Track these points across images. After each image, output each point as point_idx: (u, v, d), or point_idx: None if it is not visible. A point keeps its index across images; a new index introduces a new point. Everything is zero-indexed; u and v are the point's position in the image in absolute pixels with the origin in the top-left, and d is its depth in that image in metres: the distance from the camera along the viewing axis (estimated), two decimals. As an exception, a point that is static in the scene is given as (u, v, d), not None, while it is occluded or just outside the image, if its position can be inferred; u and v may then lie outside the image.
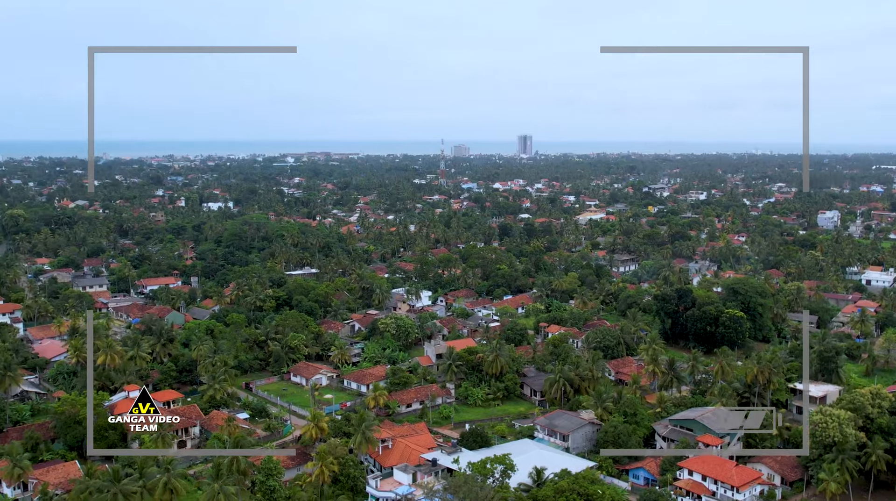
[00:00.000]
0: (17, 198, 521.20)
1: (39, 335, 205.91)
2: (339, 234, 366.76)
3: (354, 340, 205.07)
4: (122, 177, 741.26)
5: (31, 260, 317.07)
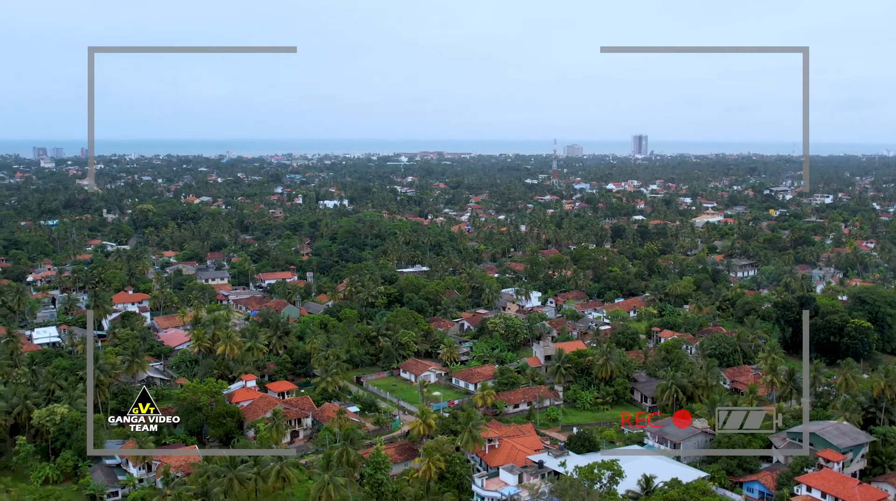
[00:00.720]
0: (146, 194, 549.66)
1: (165, 324, 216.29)
2: (451, 233, 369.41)
3: (463, 338, 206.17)
4: (243, 175, 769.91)
5: (159, 253, 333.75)
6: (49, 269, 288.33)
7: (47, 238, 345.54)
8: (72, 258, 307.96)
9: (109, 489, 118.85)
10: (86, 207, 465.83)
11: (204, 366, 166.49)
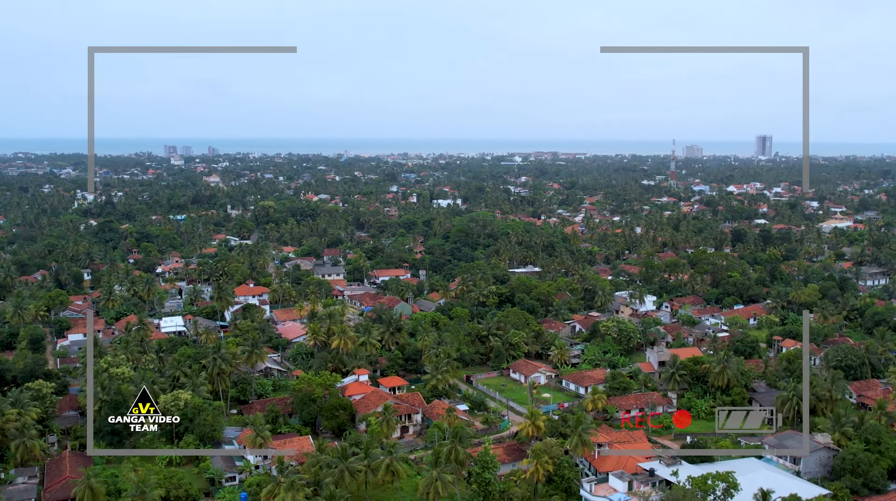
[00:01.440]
0: (268, 191, 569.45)
1: (283, 317, 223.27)
2: (564, 234, 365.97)
3: (574, 341, 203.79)
4: (360, 173, 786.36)
5: (279, 248, 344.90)
6: (177, 261, 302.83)
7: (175, 232, 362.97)
8: (198, 252, 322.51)
9: (227, 474, 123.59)
10: (212, 203, 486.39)
11: (319, 359, 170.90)
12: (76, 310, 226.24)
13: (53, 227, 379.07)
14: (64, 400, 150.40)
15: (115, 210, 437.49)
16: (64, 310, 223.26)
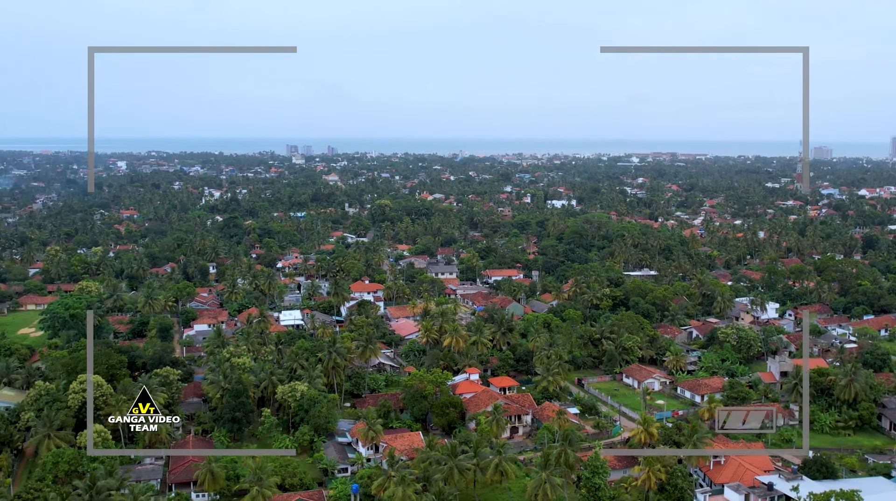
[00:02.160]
0: (384, 190, 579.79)
1: (396, 313, 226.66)
2: (682, 237, 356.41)
3: (691, 347, 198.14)
4: (475, 173, 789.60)
5: (394, 246, 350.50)
6: (296, 257, 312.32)
7: (296, 229, 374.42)
8: (316, 248, 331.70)
9: (340, 465, 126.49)
10: (330, 201, 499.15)
11: (431, 356, 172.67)
12: (202, 301, 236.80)
13: (182, 222, 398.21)
14: (189, 387, 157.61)
15: (240, 207, 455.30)
16: (190, 301, 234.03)
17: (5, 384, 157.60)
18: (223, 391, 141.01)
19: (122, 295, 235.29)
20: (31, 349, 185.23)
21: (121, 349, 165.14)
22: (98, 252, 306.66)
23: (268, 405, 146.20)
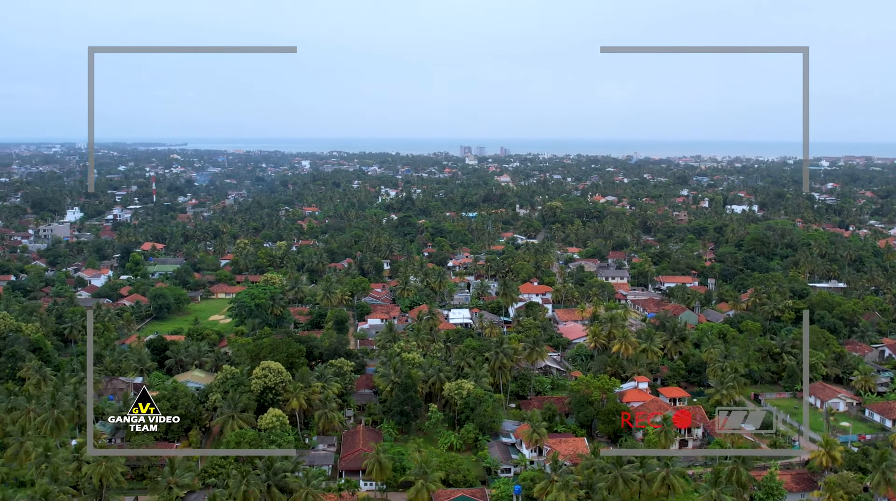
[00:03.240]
0: (556, 191, 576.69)
1: (564, 317, 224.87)
2: (875, 247, 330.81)
3: (883, 367, 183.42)
4: (650, 176, 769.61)
5: (564, 248, 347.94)
6: (466, 256, 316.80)
7: (467, 229, 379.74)
8: (486, 248, 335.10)
9: (503, 465, 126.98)
10: (501, 201, 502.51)
11: (598, 362, 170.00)
12: (376, 297, 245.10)
13: (360, 219, 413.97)
14: (361, 379, 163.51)
15: (414, 206, 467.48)
16: (365, 296, 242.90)
17: (196, 366, 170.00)
18: (393, 384, 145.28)
19: (303, 288, 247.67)
20: (220, 334, 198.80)
21: (299, 339, 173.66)
22: (282, 246, 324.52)
23: (435, 400, 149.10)
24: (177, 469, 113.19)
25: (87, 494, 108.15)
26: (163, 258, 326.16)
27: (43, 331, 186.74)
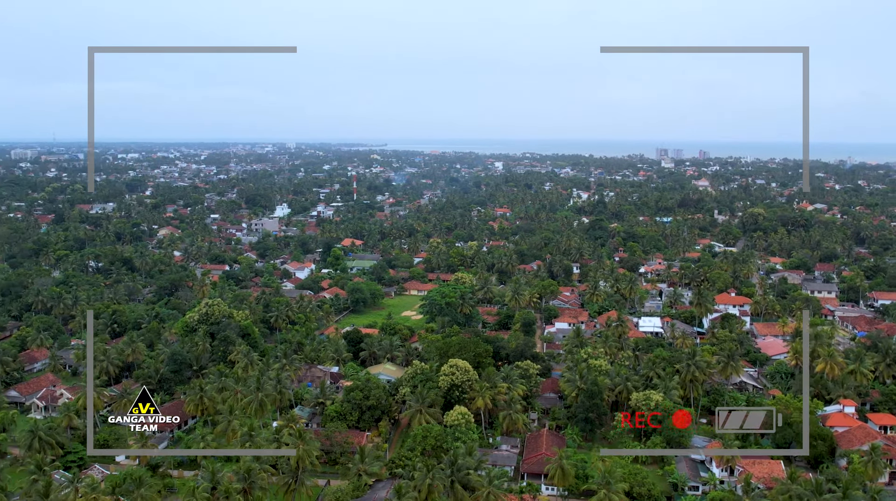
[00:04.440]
0: (758, 197, 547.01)
1: (764, 331, 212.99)
2: None
3: None
4: (865, 182, 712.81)
5: (765, 258, 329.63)
6: (659, 263, 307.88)
7: (661, 234, 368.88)
8: (681, 255, 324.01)
9: (690, 482, 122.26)
10: (699, 207, 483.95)
11: (800, 381, 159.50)
12: (564, 300, 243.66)
13: (550, 222, 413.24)
14: (546, 382, 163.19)
15: (606, 209, 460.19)
16: (553, 299, 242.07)
17: (388, 360, 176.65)
18: (578, 390, 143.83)
19: (492, 288, 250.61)
20: (411, 330, 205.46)
21: (487, 339, 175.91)
22: (473, 246, 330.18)
23: (621, 409, 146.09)
24: (366, 457, 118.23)
25: (285, 474, 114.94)
26: (361, 254, 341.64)
27: (251, 318, 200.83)
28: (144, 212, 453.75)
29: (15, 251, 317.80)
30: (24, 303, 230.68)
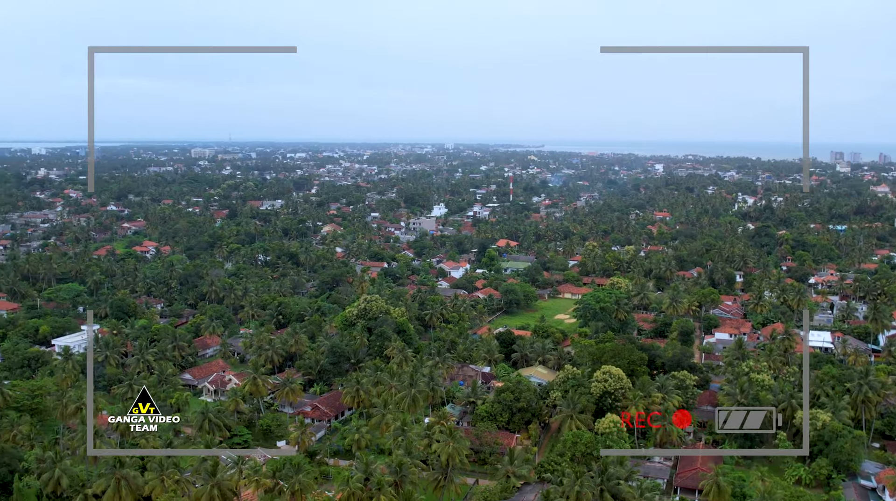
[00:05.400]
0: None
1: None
2: None
3: None
4: None
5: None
6: (831, 274, 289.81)
7: (833, 243, 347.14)
8: (856, 266, 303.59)
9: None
10: (877, 214, 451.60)
11: None
12: (726, 310, 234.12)
13: (712, 227, 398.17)
14: (704, 395, 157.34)
15: (774, 215, 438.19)
16: (714, 308, 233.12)
17: (540, 363, 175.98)
18: (738, 404, 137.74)
19: (649, 294, 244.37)
20: (563, 333, 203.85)
21: (642, 347, 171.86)
22: (630, 251, 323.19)
23: (784, 428, 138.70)
24: (515, 459, 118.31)
25: (435, 470, 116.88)
26: (515, 255, 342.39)
27: (407, 315, 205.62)
28: (310, 209, 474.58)
29: (192, 244, 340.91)
30: (199, 292, 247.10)
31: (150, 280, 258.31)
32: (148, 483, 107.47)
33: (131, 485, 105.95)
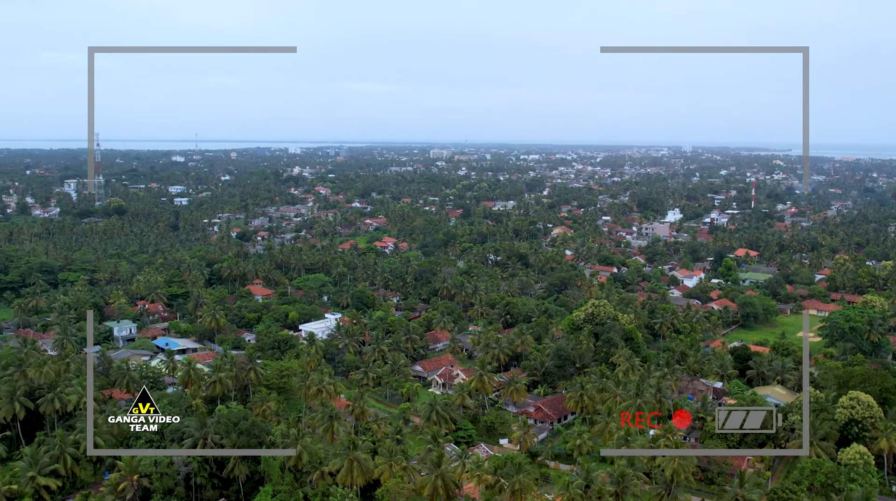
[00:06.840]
0: None
1: None
2: None
3: None
4: None
5: None
6: None
7: None
8: None
9: None
10: None
11: None
12: None
13: None
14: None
15: None
16: None
17: (779, 382, 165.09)
18: None
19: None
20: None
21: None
22: (888, 267, 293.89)
23: None
24: (746, 482, 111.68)
25: (658, 485, 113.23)
26: (755, 266, 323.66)
27: (636, 323, 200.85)
28: (541, 211, 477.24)
29: (428, 241, 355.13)
30: (432, 288, 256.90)
31: (387, 274, 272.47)
32: (378, 466, 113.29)
33: (363, 467, 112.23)
